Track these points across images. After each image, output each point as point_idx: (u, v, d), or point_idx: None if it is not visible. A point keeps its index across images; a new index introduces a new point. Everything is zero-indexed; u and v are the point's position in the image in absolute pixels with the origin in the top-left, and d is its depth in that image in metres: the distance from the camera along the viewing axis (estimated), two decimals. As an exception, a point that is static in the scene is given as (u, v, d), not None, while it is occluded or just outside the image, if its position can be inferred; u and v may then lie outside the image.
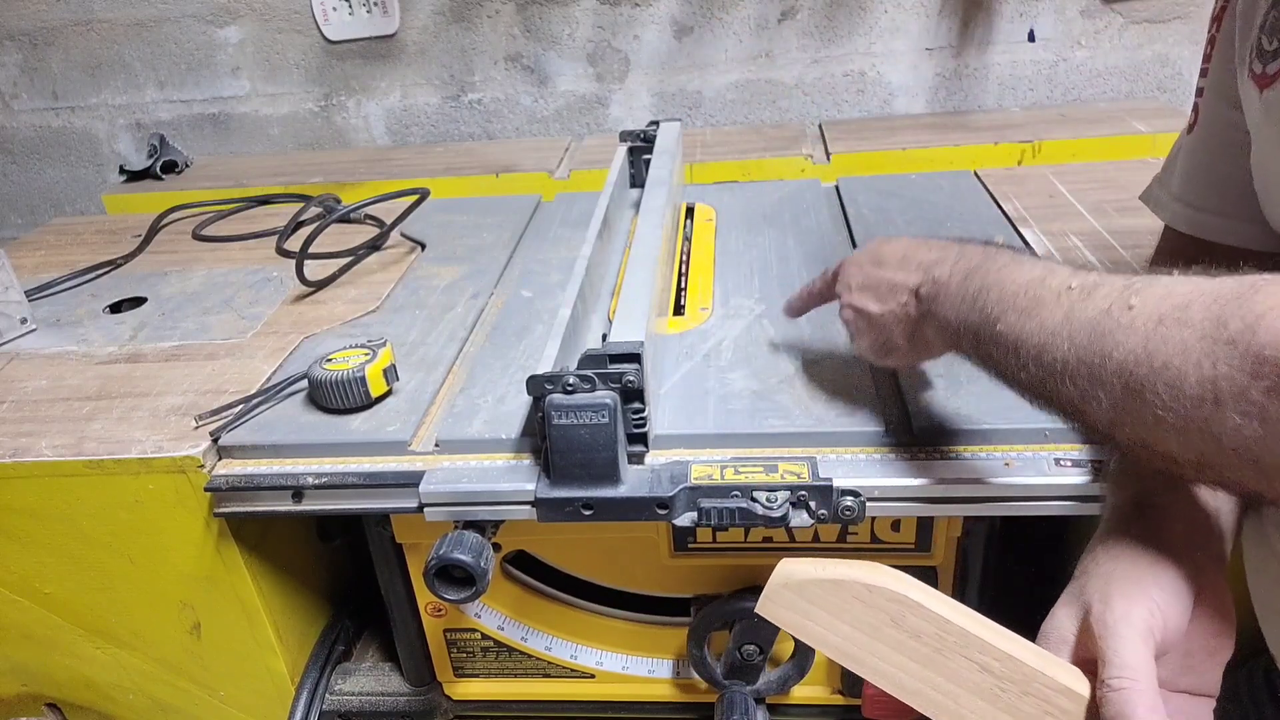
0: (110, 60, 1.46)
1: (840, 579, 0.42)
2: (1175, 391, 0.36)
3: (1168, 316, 0.37)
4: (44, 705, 0.85)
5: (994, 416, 0.63)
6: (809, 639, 0.44)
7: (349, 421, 0.69)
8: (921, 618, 0.42)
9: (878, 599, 0.42)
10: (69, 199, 1.60)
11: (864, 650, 0.43)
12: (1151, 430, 0.38)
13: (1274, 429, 0.34)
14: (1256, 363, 0.34)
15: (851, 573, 0.42)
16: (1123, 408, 0.39)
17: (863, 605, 0.42)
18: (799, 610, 0.44)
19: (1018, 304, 0.44)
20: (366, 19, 1.39)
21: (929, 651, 0.42)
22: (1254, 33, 0.49)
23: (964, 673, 0.42)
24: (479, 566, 0.60)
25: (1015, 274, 0.46)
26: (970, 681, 0.42)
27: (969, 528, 0.69)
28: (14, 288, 0.87)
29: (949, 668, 0.42)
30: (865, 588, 0.42)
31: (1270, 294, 0.34)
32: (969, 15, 1.34)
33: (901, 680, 0.43)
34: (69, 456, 0.68)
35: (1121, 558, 0.46)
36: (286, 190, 1.23)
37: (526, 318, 0.83)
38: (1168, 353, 0.37)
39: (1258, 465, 0.36)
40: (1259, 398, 0.34)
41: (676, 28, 1.37)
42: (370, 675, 0.84)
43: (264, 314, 0.87)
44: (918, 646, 0.42)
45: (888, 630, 0.42)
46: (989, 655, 0.41)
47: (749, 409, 0.67)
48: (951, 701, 0.42)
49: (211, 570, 0.71)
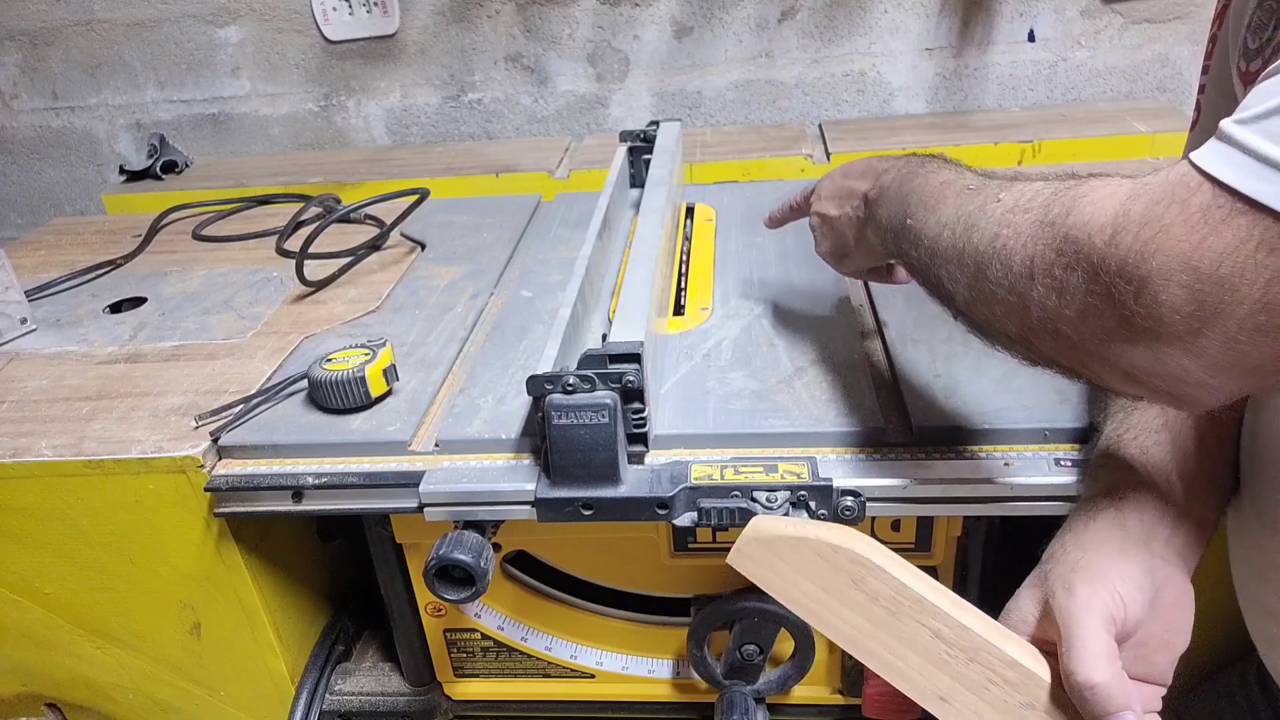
0: (110, 60, 1.46)
1: (806, 537, 0.44)
2: (1005, 268, 0.40)
3: (1018, 206, 0.41)
4: (44, 705, 0.85)
5: (994, 416, 0.63)
6: (773, 592, 0.46)
7: (349, 421, 0.69)
8: (881, 581, 0.43)
9: (840, 559, 0.43)
10: (69, 199, 1.60)
11: (824, 607, 0.45)
12: (990, 306, 0.42)
13: (1068, 301, 0.38)
14: (1063, 241, 0.38)
15: (819, 532, 0.44)
16: (974, 287, 0.43)
17: (826, 564, 0.44)
18: (766, 564, 0.45)
19: (926, 202, 0.49)
20: (366, 19, 1.39)
21: (884, 614, 0.43)
22: (1242, 31, 0.50)
23: (916, 637, 0.43)
24: (479, 566, 0.60)
25: (936, 177, 0.50)
26: (921, 645, 0.43)
27: (969, 528, 0.69)
28: (14, 288, 0.87)
29: (903, 631, 0.43)
30: (830, 547, 0.44)
31: (1094, 187, 0.38)
32: (969, 15, 1.34)
33: (857, 639, 0.45)
34: (69, 456, 0.68)
35: (1087, 547, 0.48)
36: (286, 190, 1.23)
37: (526, 318, 0.83)
38: (1007, 235, 0.41)
39: (1056, 335, 0.40)
40: (1060, 273, 0.38)
41: (676, 28, 1.37)
42: (370, 675, 0.84)
43: (264, 314, 0.87)
44: (875, 608, 0.44)
45: (848, 590, 0.44)
46: (941, 622, 0.43)
47: (749, 409, 0.67)
48: (902, 663, 0.44)
49: (211, 570, 0.71)
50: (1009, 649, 0.43)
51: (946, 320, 0.48)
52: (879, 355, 0.74)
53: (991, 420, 0.63)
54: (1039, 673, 0.43)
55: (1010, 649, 0.43)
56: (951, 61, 1.37)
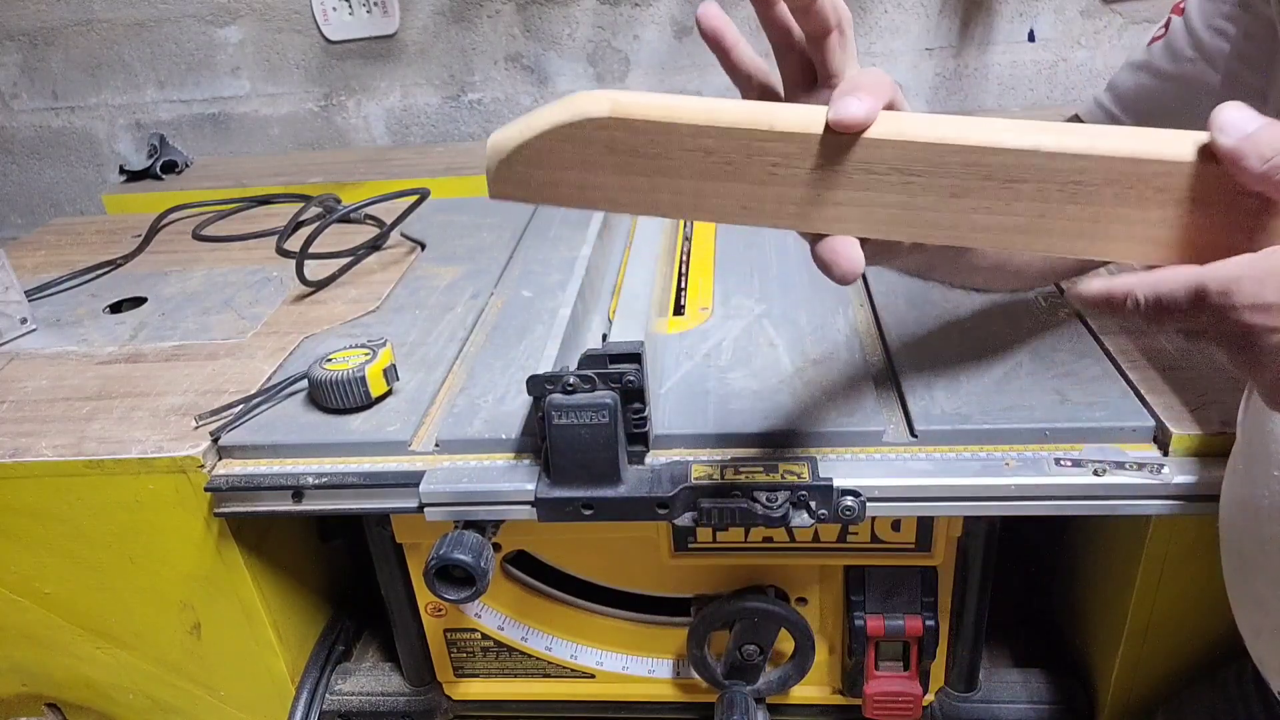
0: (110, 60, 1.46)
1: (542, 131, 0.40)
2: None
3: None
4: (44, 705, 0.85)
5: (994, 416, 0.63)
6: (547, 202, 0.43)
7: (349, 421, 0.69)
8: (629, 132, 0.40)
9: (583, 133, 0.40)
10: (69, 199, 1.60)
11: (598, 190, 0.41)
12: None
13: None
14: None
15: (550, 118, 0.40)
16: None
17: (574, 146, 0.40)
18: (524, 180, 0.42)
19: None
20: (366, 19, 1.39)
21: (652, 162, 0.40)
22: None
23: (691, 164, 0.40)
24: (479, 566, 0.60)
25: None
26: (699, 169, 0.40)
27: (969, 528, 0.69)
28: (14, 288, 0.87)
29: (676, 168, 0.40)
30: (568, 128, 0.40)
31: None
32: (969, 15, 1.34)
33: (640, 199, 0.42)
34: (69, 456, 0.68)
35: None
36: (286, 190, 1.23)
37: (526, 318, 0.83)
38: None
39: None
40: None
41: (676, 28, 1.37)
42: (370, 675, 0.84)
43: (264, 314, 0.87)
44: (641, 161, 0.40)
45: (608, 159, 0.40)
46: (704, 137, 0.39)
47: (749, 409, 0.67)
48: (692, 198, 0.41)
49: (211, 570, 0.71)
50: (780, 124, 0.39)
51: (947, 320, 0.48)
52: (879, 355, 0.74)
53: (992, 420, 0.63)
54: (812, 130, 0.39)
55: (781, 124, 0.39)
56: (951, 61, 1.38)
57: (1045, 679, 0.78)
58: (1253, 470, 0.50)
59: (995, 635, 0.81)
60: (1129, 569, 0.67)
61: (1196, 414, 0.62)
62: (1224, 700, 0.64)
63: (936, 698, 0.78)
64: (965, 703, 0.77)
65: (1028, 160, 0.37)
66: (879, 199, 0.39)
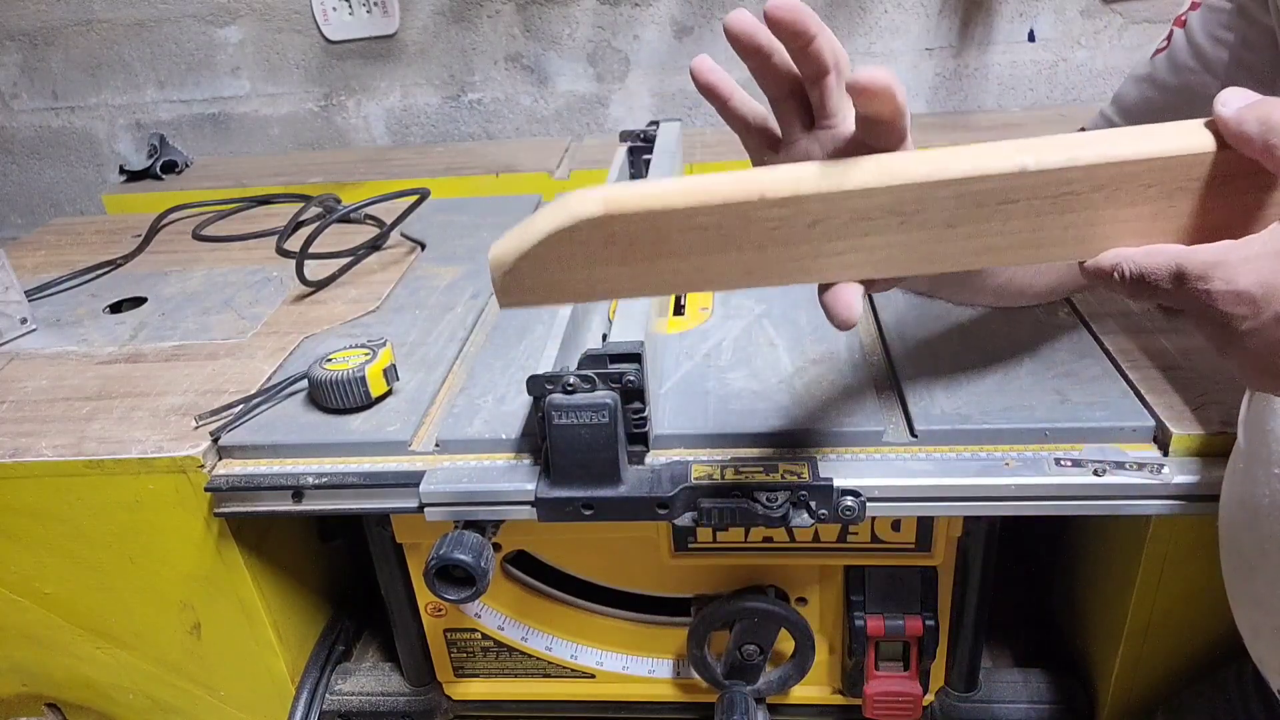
0: (110, 60, 1.46)
1: (540, 239, 0.41)
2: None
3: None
4: (44, 705, 0.85)
5: (994, 416, 0.63)
6: (558, 302, 0.43)
7: (349, 421, 0.69)
8: (625, 225, 0.40)
9: (580, 234, 0.40)
10: (69, 199, 1.60)
11: (604, 283, 0.42)
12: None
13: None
14: None
15: (545, 225, 0.41)
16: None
17: (573, 247, 0.41)
18: (531, 287, 0.42)
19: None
20: (366, 19, 1.39)
21: (651, 247, 0.41)
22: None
23: (690, 243, 0.40)
24: (479, 566, 0.60)
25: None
26: (699, 245, 0.40)
27: (969, 528, 0.69)
28: (14, 288, 0.87)
29: (675, 249, 0.41)
30: (565, 232, 0.40)
31: None
32: (969, 15, 1.34)
33: (647, 282, 0.42)
34: (69, 456, 0.68)
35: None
36: (286, 190, 1.23)
37: (526, 318, 0.83)
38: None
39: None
40: None
41: (676, 28, 1.37)
42: (370, 675, 0.84)
43: (264, 314, 0.87)
44: (641, 248, 0.41)
45: (608, 252, 0.41)
46: (698, 217, 0.40)
47: (749, 409, 0.67)
48: (696, 273, 0.41)
49: (211, 570, 0.71)
50: (768, 192, 0.39)
51: (947, 320, 0.47)
52: (879, 355, 0.74)
53: (992, 420, 0.63)
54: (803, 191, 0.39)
55: (770, 189, 0.39)
56: (951, 61, 1.38)
57: (1045, 679, 0.78)
58: (1253, 470, 0.50)
59: (995, 635, 0.81)
60: (1129, 569, 0.67)
61: (1197, 414, 0.62)
62: (1224, 700, 0.65)
63: (936, 698, 0.78)
64: (965, 703, 0.77)
65: (1015, 181, 0.38)
66: (878, 241, 0.40)
